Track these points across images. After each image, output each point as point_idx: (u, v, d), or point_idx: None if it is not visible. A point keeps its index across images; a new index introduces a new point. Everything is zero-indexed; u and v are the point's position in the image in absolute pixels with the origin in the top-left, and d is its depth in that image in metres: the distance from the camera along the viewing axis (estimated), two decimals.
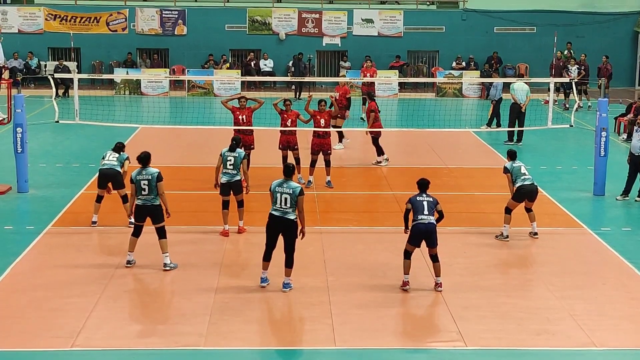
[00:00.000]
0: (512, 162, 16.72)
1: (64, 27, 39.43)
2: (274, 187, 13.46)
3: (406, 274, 13.80)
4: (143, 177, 14.47)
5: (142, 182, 14.45)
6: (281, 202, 13.36)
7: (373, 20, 40.07)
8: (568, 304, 13.20)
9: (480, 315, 12.75)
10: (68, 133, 26.27)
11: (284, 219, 13.39)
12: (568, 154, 25.04)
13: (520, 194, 16.51)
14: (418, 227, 13.69)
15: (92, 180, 20.40)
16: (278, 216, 13.40)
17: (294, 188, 13.38)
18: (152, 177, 14.45)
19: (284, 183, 13.44)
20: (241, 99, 20.14)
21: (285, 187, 13.40)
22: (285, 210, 13.36)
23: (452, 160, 23.63)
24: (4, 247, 15.68)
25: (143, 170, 14.56)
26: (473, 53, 39.56)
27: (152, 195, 14.47)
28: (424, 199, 13.86)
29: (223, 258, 15.09)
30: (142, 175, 14.50)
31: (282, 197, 13.36)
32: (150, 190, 14.43)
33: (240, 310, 12.79)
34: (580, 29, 39.54)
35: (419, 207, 13.73)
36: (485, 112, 29.21)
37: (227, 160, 16.33)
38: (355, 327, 12.28)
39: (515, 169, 16.63)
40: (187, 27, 39.89)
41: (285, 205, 13.35)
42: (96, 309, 12.73)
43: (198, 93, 37.16)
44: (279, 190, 13.40)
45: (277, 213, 13.41)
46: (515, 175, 16.57)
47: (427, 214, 13.68)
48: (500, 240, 16.50)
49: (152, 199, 14.49)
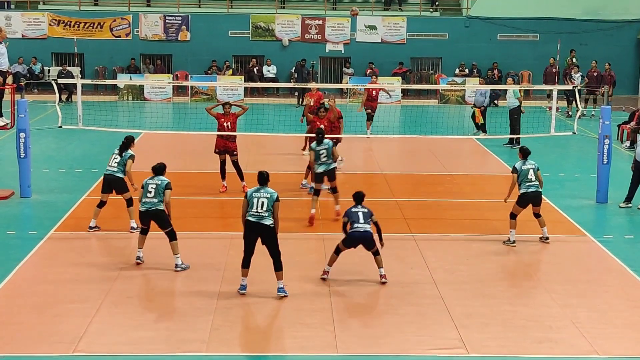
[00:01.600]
0: (522, 162, 16.62)
1: (68, 32, 39.52)
2: (250, 193, 13.53)
3: (329, 265, 14.39)
4: (153, 182, 14.71)
5: (151, 185, 14.68)
6: (257, 206, 13.39)
7: (376, 27, 40.14)
8: (571, 312, 13.18)
9: (483, 322, 12.73)
10: (71, 138, 26.30)
11: (260, 224, 13.39)
12: (571, 161, 25.04)
13: (524, 199, 16.51)
14: (354, 234, 14.14)
15: (95, 185, 20.43)
16: (254, 222, 13.41)
17: (271, 193, 13.50)
18: (161, 182, 14.70)
19: (261, 189, 13.56)
20: (225, 106, 20.12)
21: (262, 192, 13.51)
22: (261, 214, 13.37)
23: (455, 167, 23.63)
24: (7, 252, 15.68)
25: (155, 177, 14.76)
26: (476, 60, 39.61)
27: (157, 200, 14.59)
28: (359, 209, 14.30)
29: (225, 264, 15.08)
30: (152, 180, 14.76)
31: (258, 202, 13.41)
32: (156, 194, 14.56)
33: (242, 317, 12.79)
34: (584, 37, 39.56)
35: (354, 217, 14.18)
36: (488, 118, 29.16)
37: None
38: (357, 334, 12.27)
39: (523, 172, 16.53)
40: (190, 33, 39.97)
41: (261, 210, 13.37)
42: (98, 315, 12.72)
43: (201, 99, 37.21)
44: (255, 195, 13.46)
45: (253, 219, 13.41)
46: (521, 178, 16.53)
47: (362, 222, 14.12)
48: (508, 245, 16.49)
49: (156, 203, 14.58)
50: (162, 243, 16.28)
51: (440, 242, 16.81)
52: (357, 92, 37.76)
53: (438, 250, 16.23)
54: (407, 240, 16.79)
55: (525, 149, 16.93)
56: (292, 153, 24.74)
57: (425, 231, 17.42)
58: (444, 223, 18.11)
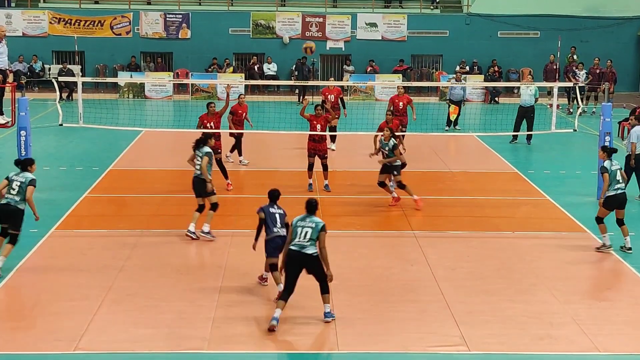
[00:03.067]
0: (610, 162, 15.98)
1: (68, 30, 39.52)
2: (295, 222, 12.66)
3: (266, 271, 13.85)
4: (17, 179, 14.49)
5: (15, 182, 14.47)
6: (301, 236, 12.50)
7: (377, 24, 40.11)
8: (571, 309, 13.18)
9: (484, 319, 12.73)
10: (72, 136, 26.30)
11: (302, 253, 12.44)
12: (572, 158, 25.03)
13: (612, 202, 15.95)
14: (275, 240, 13.47)
15: (95, 183, 20.44)
16: (295, 251, 12.48)
17: (317, 222, 12.55)
18: (25, 180, 14.46)
19: (307, 217, 12.65)
20: (210, 105, 20.18)
21: (307, 221, 12.60)
22: (303, 244, 12.45)
23: (456, 164, 23.63)
24: None
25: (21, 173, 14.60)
26: (477, 57, 39.60)
27: (19, 198, 14.39)
28: (276, 210, 13.64)
29: (227, 261, 15.09)
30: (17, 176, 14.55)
31: (302, 231, 12.51)
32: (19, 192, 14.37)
33: (243, 314, 12.78)
34: (584, 34, 39.54)
35: (272, 219, 13.52)
36: (489, 115, 29.20)
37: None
38: (359, 332, 12.27)
39: (613, 172, 15.87)
40: (191, 31, 39.96)
41: (304, 239, 12.45)
42: (99, 313, 12.73)
43: (202, 97, 37.18)
44: (300, 224, 12.59)
45: (295, 247, 12.49)
46: (611, 179, 15.89)
47: (279, 227, 13.49)
48: (604, 251, 15.99)
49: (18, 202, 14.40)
50: (161, 241, 16.32)
51: (441, 239, 16.81)
52: (358, 90, 37.77)
53: (439, 247, 16.23)
54: (408, 238, 16.79)
55: (611, 148, 16.28)
56: (293, 149, 24.74)
57: (426, 228, 17.43)
58: (445, 220, 18.11)
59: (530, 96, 26.97)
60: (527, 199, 20.04)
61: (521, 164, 23.89)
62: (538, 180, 21.76)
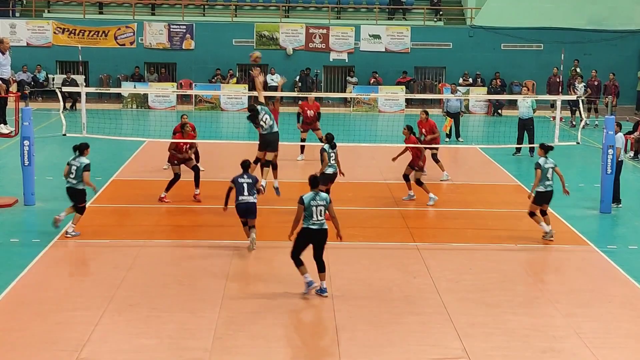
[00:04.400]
0: (545, 160, 17.28)
1: (73, 40, 39.63)
2: (308, 202, 13.76)
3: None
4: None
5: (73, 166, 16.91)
6: (317, 214, 13.75)
7: (380, 36, 40.21)
8: (574, 322, 13.15)
9: (486, 332, 12.71)
10: None
11: (322, 229, 13.83)
12: (575, 171, 25.00)
13: (540, 198, 17.27)
14: (240, 206, 16.12)
15: (98, 193, 20.42)
16: (316, 229, 13.77)
17: (325, 199, 13.91)
18: (80, 165, 16.92)
19: (316, 196, 13.85)
20: (186, 125, 20.33)
21: (318, 200, 13.81)
22: (321, 222, 13.79)
23: (458, 176, 23.62)
24: (10, 259, 15.68)
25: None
26: (480, 69, 39.66)
27: (76, 181, 16.85)
28: (245, 180, 16.13)
29: (229, 272, 15.08)
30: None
31: (317, 210, 13.76)
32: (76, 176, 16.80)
33: (245, 325, 12.77)
34: (587, 47, 39.59)
35: (240, 188, 16.08)
36: (492, 128, 29.22)
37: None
38: (361, 343, 12.25)
39: (545, 170, 17.18)
40: (194, 42, 40.06)
41: (321, 217, 13.77)
42: (101, 323, 12.72)
43: (205, 107, 37.27)
44: (313, 203, 13.76)
45: (315, 226, 13.77)
46: (542, 176, 17.15)
47: (247, 195, 16.06)
48: (548, 239, 17.19)
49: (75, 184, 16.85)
50: (163, 251, 16.33)
51: (443, 251, 16.80)
52: (361, 102, 37.81)
53: (441, 259, 16.22)
54: (411, 250, 16.78)
55: (547, 145, 17.56)
56: (296, 160, 24.80)
57: (428, 240, 17.42)
58: (448, 232, 18.10)
59: (528, 108, 26.98)
60: None
61: (524, 176, 23.88)
62: None
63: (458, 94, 32.53)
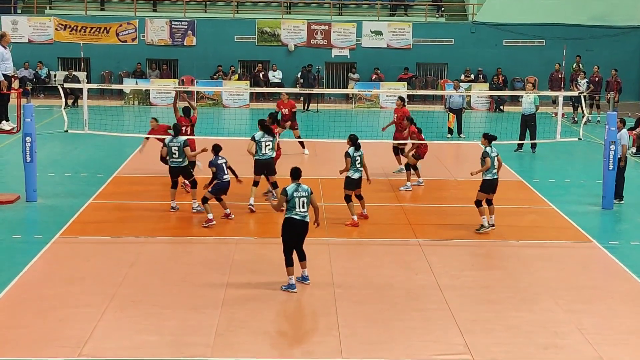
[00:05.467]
0: (490, 149, 17.55)
1: (74, 37, 39.63)
2: (291, 192, 14.05)
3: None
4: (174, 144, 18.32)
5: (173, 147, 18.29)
6: (299, 205, 14.04)
7: (382, 32, 40.17)
8: (576, 318, 13.15)
9: (488, 328, 12.70)
10: (77, 143, 26.34)
11: (304, 222, 14.13)
12: (577, 167, 25.00)
13: (487, 186, 17.63)
14: (223, 183, 17.56)
15: (100, 189, 20.44)
16: (299, 220, 14.07)
17: (307, 190, 14.18)
18: (180, 143, 18.33)
19: (299, 187, 14.12)
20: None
21: (301, 191, 14.11)
22: (304, 214, 14.09)
23: (460, 173, 23.60)
24: (12, 256, 15.70)
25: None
26: (482, 66, 39.63)
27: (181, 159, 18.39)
28: (222, 160, 17.58)
29: (230, 268, 15.08)
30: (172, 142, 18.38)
31: (299, 201, 14.05)
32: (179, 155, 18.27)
33: (247, 322, 12.77)
34: (590, 43, 39.54)
35: (220, 169, 17.44)
36: (493, 124, 29.16)
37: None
38: (363, 340, 12.25)
39: (492, 158, 17.51)
40: (196, 38, 40.04)
41: (304, 209, 14.07)
42: (103, 319, 12.73)
43: (207, 104, 37.27)
44: (296, 195, 14.05)
45: (299, 217, 14.07)
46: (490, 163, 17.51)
47: (225, 173, 17.51)
48: (485, 232, 17.41)
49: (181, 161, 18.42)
50: (165, 247, 16.34)
51: (445, 247, 16.80)
52: (363, 98, 37.81)
53: (443, 255, 16.21)
54: (413, 246, 16.77)
55: (491, 135, 17.73)
56: (296, 155, 24.79)
57: (430, 237, 17.41)
58: (450, 228, 18.09)
59: (530, 104, 26.98)
60: (532, 208, 20.02)
61: (526, 172, 23.87)
62: (543, 188, 21.75)
63: (461, 90, 32.50)
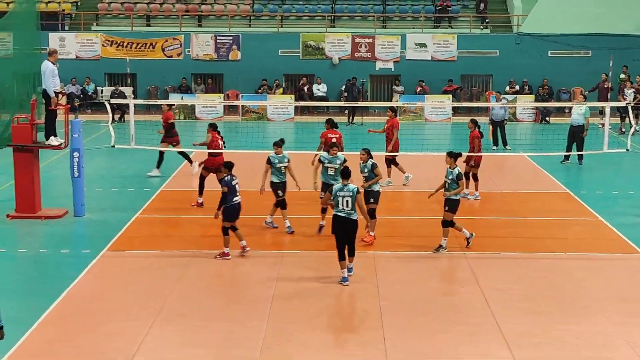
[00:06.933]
0: (457, 168, 17.22)
1: (120, 52, 40.05)
2: (335, 191, 14.92)
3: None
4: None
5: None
6: (343, 204, 14.78)
7: (426, 45, 40.11)
8: (625, 331, 12.99)
9: (535, 341, 12.60)
10: (123, 157, 26.57)
11: (349, 219, 14.86)
12: (624, 178, 24.75)
13: (457, 206, 17.24)
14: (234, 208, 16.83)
15: (147, 204, 20.59)
16: (343, 217, 14.83)
17: (352, 190, 14.83)
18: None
19: (344, 187, 14.87)
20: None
21: (345, 190, 14.84)
22: (349, 212, 14.83)
23: (506, 185, 23.47)
24: (60, 270, 15.88)
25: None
26: (527, 77, 39.38)
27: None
28: (235, 180, 16.95)
29: (277, 282, 15.10)
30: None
31: (343, 200, 14.80)
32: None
33: (293, 334, 12.79)
34: (636, 52, 39.12)
35: (232, 190, 16.66)
36: (540, 135, 28.97)
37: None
38: (408, 352, 12.21)
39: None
40: (241, 53, 40.27)
41: (347, 207, 14.79)
42: (150, 333, 12.81)
43: (252, 118, 37.44)
44: (340, 194, 14.84)
45: (343, 214, 14.84)
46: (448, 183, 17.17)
47: (237, 196, 16.82)
48: (442, 252, 16.99)
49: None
50: (211, 261, 16.40)
51: (491, 260, 16.70)
52: (408, 110, 37.77)
53: (489, 268, 16.12)
54: (458, 259, 16.70)
55: (457, 153, 17.48)
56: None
57: (476, 249, 17.31)
58: (496, 241, 17.99)
59: (580, 115, 26.74)
60: (579, 220, 19.84)
61: (573, 184, 23.68)
62: (590, 200, 21.54)
63: (503, 101, 32.32)
